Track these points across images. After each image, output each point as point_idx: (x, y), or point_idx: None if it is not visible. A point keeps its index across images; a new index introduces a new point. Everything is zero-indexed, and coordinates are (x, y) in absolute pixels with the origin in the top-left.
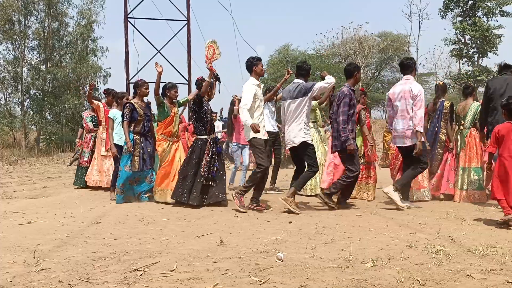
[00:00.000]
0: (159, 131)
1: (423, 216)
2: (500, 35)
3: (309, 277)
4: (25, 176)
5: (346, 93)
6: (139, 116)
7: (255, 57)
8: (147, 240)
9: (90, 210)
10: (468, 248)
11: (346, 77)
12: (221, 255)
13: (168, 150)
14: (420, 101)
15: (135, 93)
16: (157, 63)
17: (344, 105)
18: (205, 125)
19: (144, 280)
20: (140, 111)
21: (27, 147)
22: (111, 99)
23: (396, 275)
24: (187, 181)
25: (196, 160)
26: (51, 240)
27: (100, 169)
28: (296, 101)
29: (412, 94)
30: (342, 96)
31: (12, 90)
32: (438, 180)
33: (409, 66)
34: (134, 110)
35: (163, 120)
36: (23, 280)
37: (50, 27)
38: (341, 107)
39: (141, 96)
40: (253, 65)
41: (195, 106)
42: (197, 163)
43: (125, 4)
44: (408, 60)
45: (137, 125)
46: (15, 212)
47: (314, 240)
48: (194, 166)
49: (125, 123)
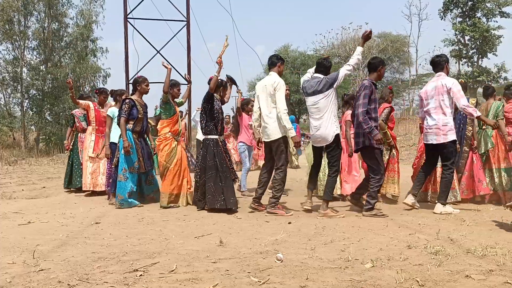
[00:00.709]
0: (165, 129)
1: (422, 216)
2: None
3: (309, 277)
4: (24, 176)
5: (366, 85)
6: (139, 114)
7: (279, 56)
8: (146, 240)
9: (90, 210)
10: (467, 249)
11: (369, 70)
12: (220, 255)
13: (176, 149)
14: (458, 91)
15: (135, 90)
16: (163, 62)
17: (364, 97)
18: (217, 124)
19: (143, 280)
20: (140, 109)
21: (26, 147)
22: (103, 98)
23: (396, 275)
24: (208, 184)
25: (212, 162)
26: (51, 241)
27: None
28: (324, 94)
29: (446, 88)
30: (362, 88)
31: (11, 91)
32: (467, 182)
33: (439, 64)
34: (133, 107)
35: (169, 118)
36: (22, 281)
37: (50, 28)
38: (360, 99)
39: (141, 93)
40: (277, 63)
41: (206, 104)
42: (214, 165)
43: (124, 4)
44: (439, 58)
45: (137, 124)
46: (14, 213)
47: (314, 241)
48: (211, 168)
49: (122, 120)
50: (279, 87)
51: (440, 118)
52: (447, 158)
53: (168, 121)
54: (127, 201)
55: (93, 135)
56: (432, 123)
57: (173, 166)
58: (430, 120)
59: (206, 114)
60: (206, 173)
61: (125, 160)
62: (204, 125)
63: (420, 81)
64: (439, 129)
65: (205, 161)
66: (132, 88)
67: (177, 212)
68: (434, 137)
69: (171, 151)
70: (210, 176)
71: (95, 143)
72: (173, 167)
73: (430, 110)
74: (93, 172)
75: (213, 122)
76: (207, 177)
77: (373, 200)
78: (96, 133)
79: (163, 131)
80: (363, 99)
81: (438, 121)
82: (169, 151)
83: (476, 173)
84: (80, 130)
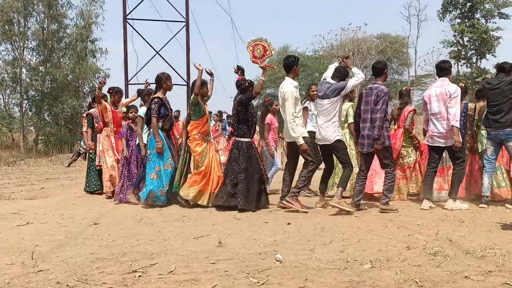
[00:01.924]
0: (194, 130)
1: (421, 217)
2: (498, 37)
3: (308, 278)
4: (23, 177)
5: (386, 91)
6: (167, 111)
7: (295, 56)
8: (145, 241)
9: (88, 211)
10: (466, 250)
11: (376, 74)
12: (219, 256)
13: (207, 150)
14: (455, 99)
15: (159, 88)
16: (195, 63)
17: (384, 102)
18: (250, 127)
19: (142, 281)
20: (168, 107)
21: (25, 148)
22: (118, 98)
23: (395, 276)
24: (240, 186)
25: (245, 164)
26: (49, 241)
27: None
28: (330, 100)
29: (449, 95)
30: (382, 94)
31: (11, 91)
32: (465, 179)
33: (445, 69)
34: (162, 105)
35: (199, 119)
36: (21, 282)
37: (49, 28)
38: (380, 105)
39: (165, 90)
40: (294, 65)
41: (241, 108)
42: (246, 167)
43: (124, 5)
44: (445, 64)
45: (166, 122)
46: (13, 213)
47: (313, 242)
48: (243, 170)
49: (154, 120)
50: (287, 97)
51: (446, 123)
52: (457, 157)
53: (197, 122)
54: (160, 198)
55: (112, 137)
56: (440, 129)
57: (204, 166)
58: (439, 125)
59: (239, 117)
60: (237, 175)
61: (158, 158)
62: (236, 128)
63: (419, 82)
64: (447, 133)
65: (238, 163)
66: (156, 86)
67: (176, 213)
68: (442, 141)
69: (203, 151)
70: (242, 178)
71: (115, 146)
72: (204, 167)
73: (435, 115)
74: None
75: (246, 125)
76: (238, 179)
77: (390, 194)
78: (115, 135)
79: (192, 132)
80: (383, 105)
81: (444, 128)
82: (201, 151)
83: (474, 174)
84: (98, 130)
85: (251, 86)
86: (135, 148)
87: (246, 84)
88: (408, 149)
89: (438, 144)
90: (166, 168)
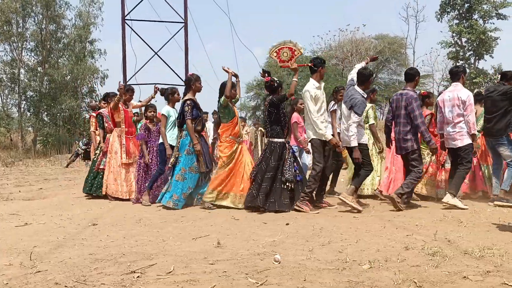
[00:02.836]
0: (226, 132)
1: (420, 218)
2: (496, 38)
3: (306, 279)
4: (21, 177)
5: (415, 96)
6: (200, 113)
7: (322, 58)
8: (144, 242)
9: (87, 212)
10: (464, 250)
11: (407, 80)
12: (218, 257)
13: (236, 152)
14: (470, 106)
15: (188, 89)
16: (224, 66)
17: (418, 108)
18: (283, 127)
19: (141, 282)
20: (199, 108)
21: (23, 148)
22: (129, 96)
23: (393, 277)
24: (264, 184)
25: (274, 163)
26: (48, 242)
27: (116, 177)
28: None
29: (460, 100)
30: (413, 101)
31: (9, 92)
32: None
33: (457, 74)
34: (194, 107)
35: (229, 121)
36: (19, 283)
37: (47, 29)
38: (415, 111)
39: (195, 92)
40: (319, 66)
41: (272, 109)
42: (276, 166)
43: (122, 6)
44: (457, 68)
45: (198, 124)
46: (11, 214)
47: (311, 242)
48: (272, 169)
49: (189, 122)
50: (305, 96)
51: (454, 126)
52: (463, 158)
53: (228, 125)
54: (182, 201)
55: (123, 138)
56: (451, 130)
57: (228, 168)
58: (450, 128)
59: (271, 118)
60: (264, 173)
61: (185, 160)
62: (269, 129)
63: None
64: (454, 136)
65: (267, 162)
66: (185, 88)
67: (174, 214)
68: (452, 143)
69: (231, 154)
70: (268, 177)
71: (126, 147)
72: (228, 169)
73: (448, 119)
74: (127, 179)
75: (279, 126)
76: (264, 178)
77: (407, 189)
78: (126, 135)
79: (224, 135)
80: (418, 110)
81: (456, 130)
82: (229, 154)
83: (476, 172)
84: (108, 131)
85: (280, 87)
86: (153, 149)
87: (275, 85)
88: (424, 152)
89: (450, 146)
90: (191, 171)
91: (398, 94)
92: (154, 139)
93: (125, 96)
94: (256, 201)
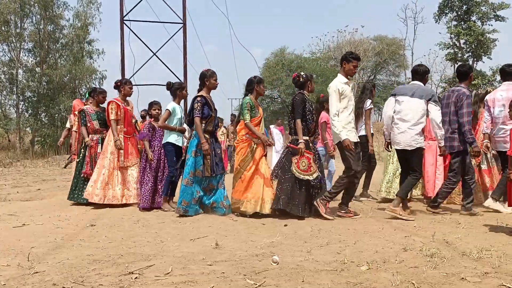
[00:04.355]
0: (242, 131)
1: (418, 219)
2: (494, 40)
3: (305, 280)
4: (19, 178)
5: (467, 94)
6: (211, 111)
7: (352, 53)
8: (142, 243)
9: (85, 212)
10: (463, 251)
11: (460, 78)
12: (216, 258)
13: (252, 153)
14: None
15: (202, 85)
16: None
17: (468, 106)
18: (309, 125)
19: (139, 283)
20: (212, 106)
21: (22, 149)
22: (128, 89)
23: (391, 278)
24: (284, 185)
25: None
26: (46, 243)
27: (109, 181)
28: (415, 101)
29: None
30: (464, 98)
31: (7, 92)
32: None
33: (510, 73)
34: (205, 105)
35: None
36: (17, 283)
37: (45, 29)
38: (464, 108)
39: (209, 89)
40: (343, 61)
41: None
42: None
43: (121, 6)
44: (510, 67)
45: (209, 123)
46: (9, 215)
47: (310, 243)
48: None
49: (198, 120)
50: (330, 92)
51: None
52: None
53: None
54: (193, 207)
55: (121, 138)
56: (500, 133)
57: (248, 171)
58: (498, 130)
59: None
60: (285, 173)
61: (193, 163)
62: (293, 125)
63: None
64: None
65: (289, 161)
66: (200, 83)
67: (172, 215)
68: (503, 145)
69: (246, 156)
70: (289, 177)
71: (124, 148)
72: (248, 172)
73: (498, 118)
74: (124, 183)
75: (305, 123)
76: (284, 177)
77: (442, 199)
78: (124, 135)
79: (241, 132)
80: (467, 108)
81: (506, 131)
82: (244, 156)
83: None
84: (91, 130)
85: (309, 80)
86: (157, 149)
87: (301, 80)
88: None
89: (500, 148)
90: (197, 174)
91: (450, 91)
92: (159, 139)
93: (123, 89)
94: (278, 203)
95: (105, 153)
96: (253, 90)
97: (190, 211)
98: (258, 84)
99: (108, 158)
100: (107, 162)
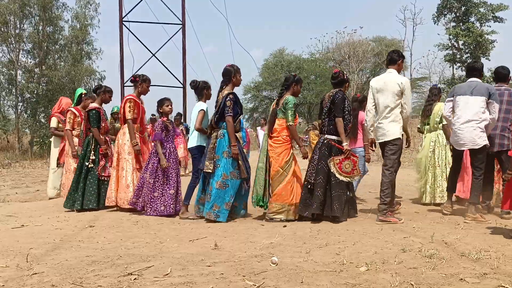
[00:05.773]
0: (285, 130)
1: (417, 220)
2: (493, 41)
3: (304, 281)
4: (18, 179)
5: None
6: (240, 110)
7: (400, 53)
8: (141, 244)
9: (84, 213)
10: (461, 252)
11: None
12: (215, 259)
13: (293, 155)
14: None
15: (228, 82)
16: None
17: (509, 103)
18: (347, 125)
19: (138, 284)
20: (240, 104)
21: (20, 150)
22: (146, 87)
23: (390, 279)
24: (317, 191)
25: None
26: (44, 244)
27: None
28: (476, 99)
29: None
30: (508, 95)
31: (6, 93)
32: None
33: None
34: (236, 103)
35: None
36: (15, 284)
37: (44, 31)
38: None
39: (235, 85)
40: (398, 61)
41: (332, 105)
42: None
43: (120, 7)
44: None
45: (237, 123)
46: (8, 216)
47: (309, 244)
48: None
49: (230, 119)
50: (408, 86)
51: None
52: None
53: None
54: (224, 212)
55: (137, 138)
56: None
57: (292, 175)
58: None
59: (330, 114)
60: (317, 175)
61: (226, 164)
62: (327, 124)
63: (415, 85)
64: None
65: (320, 163)
66: (223, 80)
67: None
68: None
69: (289, 158)
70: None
71: (141, 151)
72: (291, 175)
73: None
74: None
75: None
76: (317, 181)
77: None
78: (140, 135)
79: (283, 132)
80: (508, 105)
81: None
82: (288, 158)
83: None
84: (104, 132)
85: (348, 82)
86: (172, 150)
87: (343, 77)
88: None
89: None
90: (233, 177)
91: (503, 89)
92: (171, 140)
93: (141, 87)
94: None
95: (121, 154)
96: (290, 87)
97: (221, 216)
98: (296, 84)
99: (127, 159)
100: (127, 164)
